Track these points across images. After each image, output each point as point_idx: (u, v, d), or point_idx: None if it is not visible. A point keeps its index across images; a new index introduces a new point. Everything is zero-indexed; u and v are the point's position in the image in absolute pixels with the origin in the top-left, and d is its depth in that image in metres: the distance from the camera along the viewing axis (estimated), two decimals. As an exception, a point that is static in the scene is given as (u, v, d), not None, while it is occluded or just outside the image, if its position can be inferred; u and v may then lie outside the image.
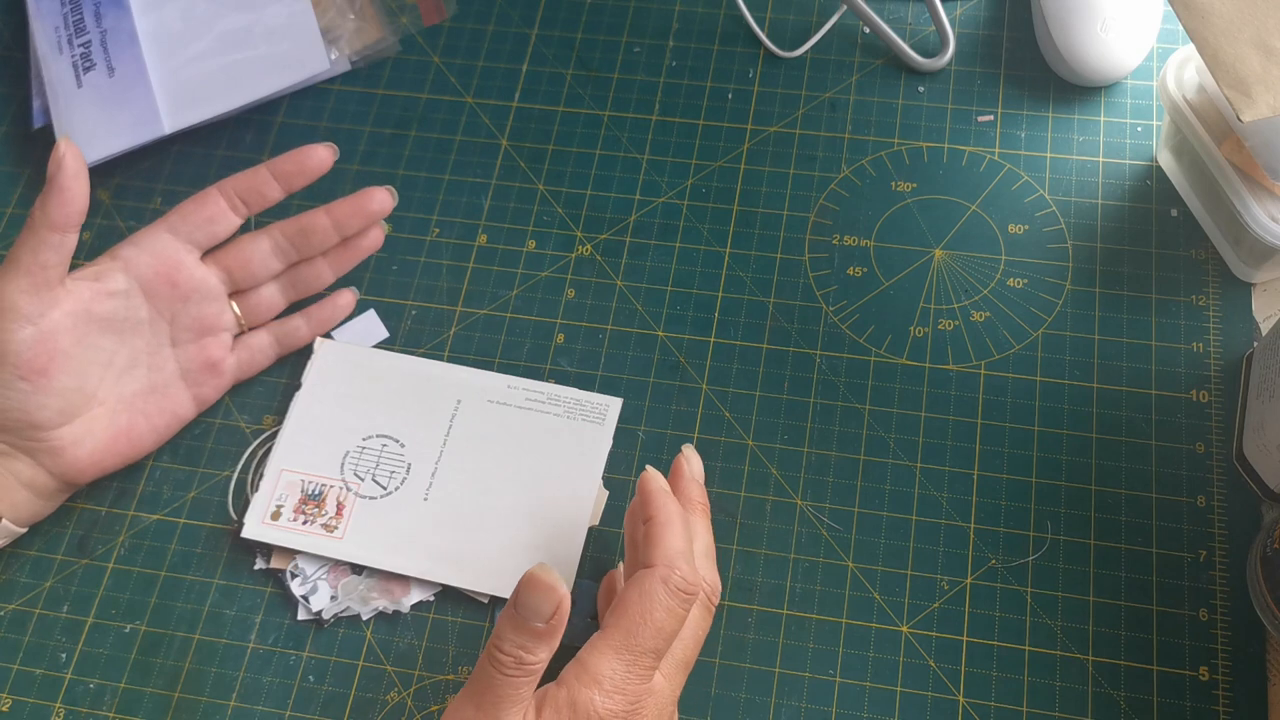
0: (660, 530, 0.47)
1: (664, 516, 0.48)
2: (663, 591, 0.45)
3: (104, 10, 0.68)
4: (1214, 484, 0.56)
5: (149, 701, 0.55)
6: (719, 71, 0.69)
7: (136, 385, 0.58)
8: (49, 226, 0.53)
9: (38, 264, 0.53)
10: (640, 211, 0.65)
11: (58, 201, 0.53)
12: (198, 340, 0.59)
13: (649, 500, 0.49)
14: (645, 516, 0.48)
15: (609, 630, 0.45)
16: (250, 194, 0.59)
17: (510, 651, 0.44)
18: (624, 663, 0.45)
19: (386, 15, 0.71)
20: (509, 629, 0.44)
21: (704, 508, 0.53)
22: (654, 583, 0.46)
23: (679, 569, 0.46)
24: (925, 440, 0.58)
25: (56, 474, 0.56)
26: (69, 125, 0.66)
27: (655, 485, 0.49)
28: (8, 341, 0.52)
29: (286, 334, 0.61)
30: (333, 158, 0.60)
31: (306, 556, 0.57)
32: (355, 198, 0.60)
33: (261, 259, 0.60)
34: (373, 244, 0.62)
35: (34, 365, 0.53)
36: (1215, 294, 0.60)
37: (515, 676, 0.44)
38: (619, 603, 0.46)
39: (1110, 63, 0.64)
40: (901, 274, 0.62)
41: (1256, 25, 0.52)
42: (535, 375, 0.61)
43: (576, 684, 0.45)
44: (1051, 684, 0.53)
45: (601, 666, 0.45)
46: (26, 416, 0.54)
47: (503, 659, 0.44)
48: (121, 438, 0.57)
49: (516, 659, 0.44)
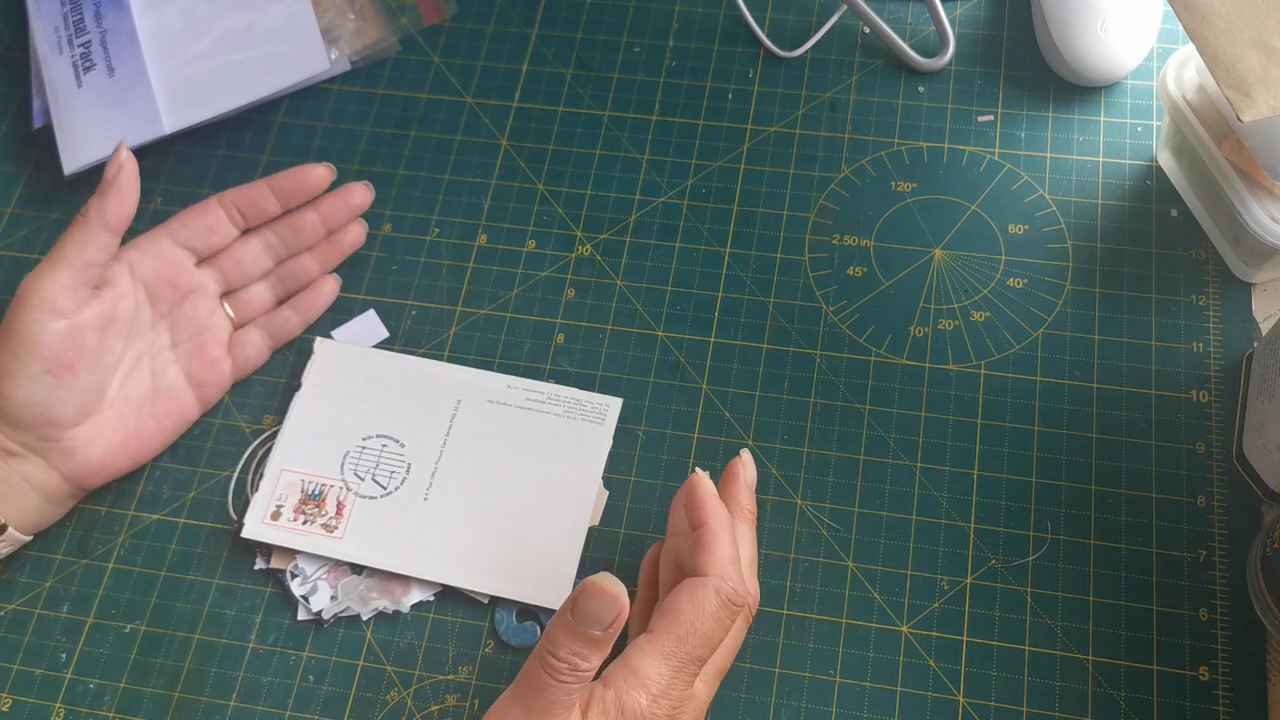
0: (712, 538, 0.48)
1: (715, 524, 0.48)
2: (715, 602, 0.46)
3: (104, 10, 0.68)
4: (1214, 484, 0.56)
5: (149, 701, 0.55)
6: (719, 71, 0.69)
7: (142, 388, 0.58)
8: (104, 226, 0.55)
9: (84, 260, 0.54)
10: (640, 211, 0.65)
11: (116, 202, 0.55)
12: (195, 339, 0.60)
13: (700, 505, 0.49)
14: (696, 521, 0.49)
15: (659, 635, 0.46)
16: (249, 207, 0.61)
17: (565, 658, 0.44)
18: (671, 668, 0.46)
19: (386, 15, 0.71)
20: (565, 635, 0.44)
21: (752, 515, 0.53)
22: (707, 592, 0.46)
23: (730, 580, 0.47)
24: (925, 440, 0.58)
25: (68, 476, 0.56)
26: (69, 125, 0.66)
27: (706, 490, 0.50)
28: (40, 334, 0.53)
29: (277, 326, 0.62)
30: (330, 177, 0.62)
31: (306, 556, 0.57)
32: (338, 193, 0.63)
33: (253, 258, 0.61)
34: (355, 239, 0.64)
35: (62, 359, 0.54)
36: (1215, 294, 0.60)
37: (568, 682, 0.44)
38: (670, 608, 0.46)
39: (1110, 63, 0.64)
40: (901, 274, 0.62)
41: (1256, 25, 0.52)
42: (535, 375, 0.61)
43: (625, 687, 0.45)
44: (1051, 684, 0.53)
45: (650, 670, 0.45)
46: (47, 412, 0.54)
47: (557, 665, 0.44)
48: (131, 440, 0.57)
49: (571, 665, 0.44)
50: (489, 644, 0.55)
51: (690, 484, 0.50)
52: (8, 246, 0.67)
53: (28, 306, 0.53)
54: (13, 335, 0.53)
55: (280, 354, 0.63)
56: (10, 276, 0.66)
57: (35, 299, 0.53)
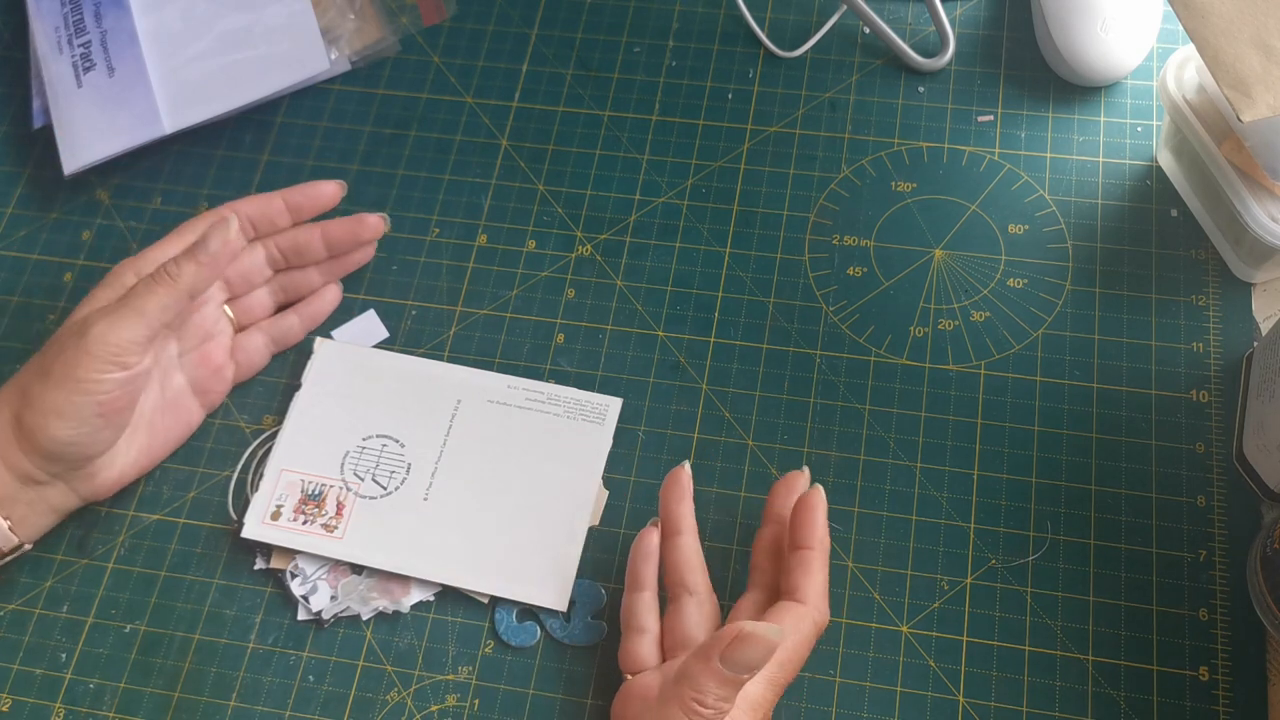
0: (817, 563, 0.50)
1: (823, 550, 0.51)
2: (811, 633, 0.49)
3: (104, 10, 0.68)
4: (1214, 484, 0.56)
5: (149, 701, 0.55)
6: (719, 71, 0.69)
7: (152, 401, 0.58)
8: (190, 293, 0.55)
9: (161, 321, 0.54)
10: (640, 211, 0.65)
11: (210, 273, 0.55)
12: (200, 347, 0.60)
13: (815, 526, 0.51)
14: (805, 543, 0.50)
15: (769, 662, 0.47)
16: (262, 220, 0.61)
17: (714, 705, 0.45)
18: (773, 691, 0.48)
19: (386, 15, 0.71)
20: (713, 683, 0.45)
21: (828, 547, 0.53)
22: (806, 622, 0.49)
23: (824, 612, 0.50)
24: (925, 440, 0.58)
25: (84, 495, 0.56)
26: (69, 125, 0.66)
27: (824, 514, 0.51)
28: (102, 383, 0.53)
29: (281, 332, 0.62)
30: (341, 194, 0.62)
31: (306, 556, 0.57)
32: (350, 222, 0.62)
33: (257, 268, 0.61)
34: (364, 258, 0.64)
35: (115, 405, 0.54)
36: (1215, 294, 0.60)
37: None
38: None
39: (1110, 63, 0.64)
40: (901, 274, 0.62)
41: (1256, 25, 0.52)
42: (535, 375, 0.61)
43: (738, 711, 0.46)
44: (1051, 684, 0.53)
45: (759, 695, 0.47)
46: (88, 450, 0.54)
47: (706, 713, 0.45)
48: (143, 455, 0.58)
49: (719, 711, 0.45)
50: (489, 644, 0.55)
51: (811, 504, 0.51)
52: (8, 246, 0.67)
53: (95, 356, 0.52)
54: (71, 378, 0.52)
55: (280, 354, 0.63)
56: (10, 276, 0.66)
57: (105, 350, 0.52)
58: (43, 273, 0.66)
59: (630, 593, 0.53)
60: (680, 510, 0.53)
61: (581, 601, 0.56)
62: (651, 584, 0.53)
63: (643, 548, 0.53)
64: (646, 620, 0.52)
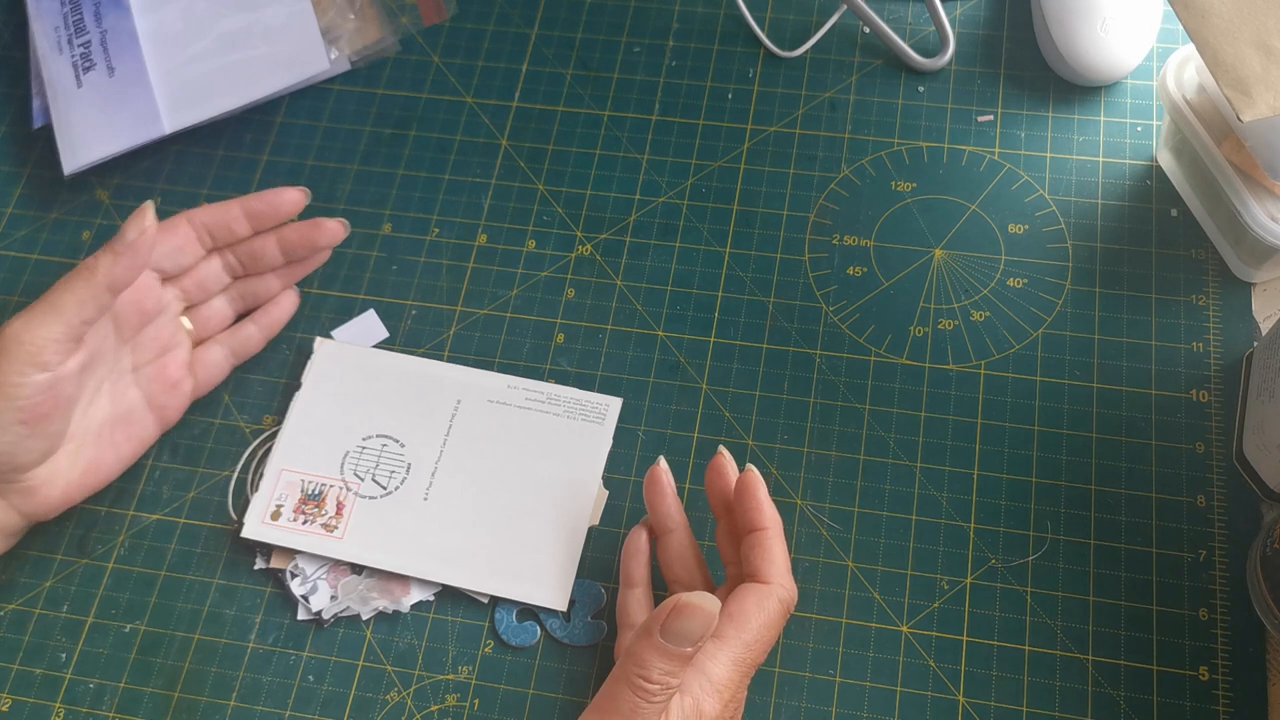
0: (773, 543, 0.50)
1: (774, 529, 0.50)
2: (778, 610, 0.49)
3: (104, 10, 0.68)
4: (1214, 484, 0.56)
5: (149, 701, 0.55)
6: (719, 71, 0.69)
7: (102, 415, 0.56)
8: (110, 286, 0.52)
9: (80, 318, 0.52)
10: (640, 211, 0.65)
11: (129, 265, 0.52)
12: (156, 360, 0.58)
13: (760, 508, 0.50)
14: (755, 524, 0.50)
15: (730, 640, 0.47)
16: (219, 228, 0.59)
17: (659, 679, 0.45)
18: (740, 673, 0.47)
19: (386, 15, 0.71)
20: (656, 657, 0.45)
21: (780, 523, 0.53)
22: (774, 602, 0.48)
23: (789, 588, 0.49)
24: (925, 440, 0.58)
25: (26, 513, 0.54)
26: (69, 125, 0.66)
27: (764, 492, 0.51)
28: (20, 386, 0.50)
29: (240, 343, 0.61)
30: (305, 201, 0.61)
31: (306, 556, 0.57)
32: (305, 228, 0.60)
33: (214, 276, 0.60)
34: (320, 261, 0.63)
35: (38, 410, 0.51)
36: (1215, 294, 0.60)
37: (660, 702, 0.45)
38: (738, 615, 0.48)
39: (1110, 63, 0.64)
40: (901, 274, 0.62)
41: (1256, 25, 0.52)
42: (535, 375, 0.61)
43: (701, 693, 0.46)
44: (1051, 684, 0.53)
45: (723, 676, 0.47)
46: (13, 460, 0.52)
47: (650, 688, 0.44)
48: (90, 472, 0.56)
49: (665, 685, 0.45)
50: (489, 644, 0.55)
51: (750, 485, 0.51)
52: (8, 246, 0.67)
53: (11, 356, 0.50)
54: None
55: (280, 354, 0.63)
56: (10, 276, 0.66)
57: (21, 350, 0.50)
58: (43, 273, 0.66)
59: (623, 590, 0.53)
60: (663, 508, 0.53)
61: (581, 601, 0.56)
62: (642, 581, 0.53)
63: (630, 546, 0.53)
64: (638, 616, 0.52)
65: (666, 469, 0.53)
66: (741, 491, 0.51)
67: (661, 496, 0.53)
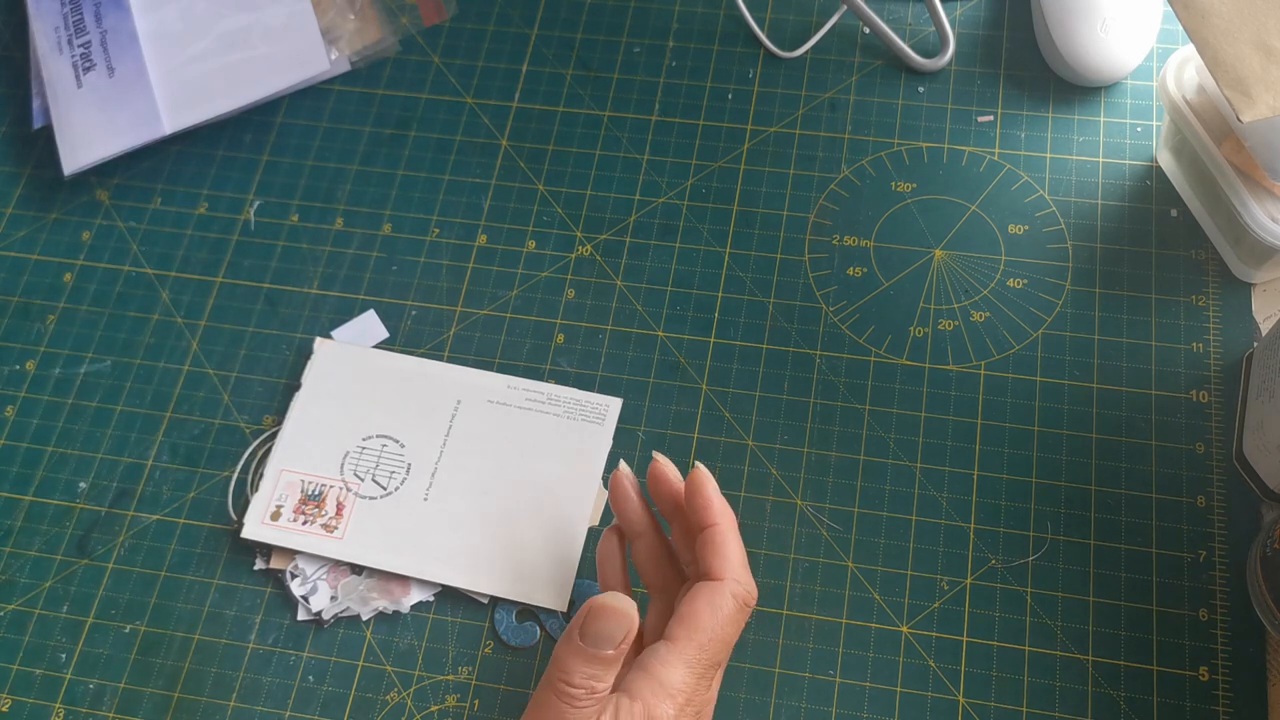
0: (723, 540, 0.48)
1: (725, 524, 0.48)
2: (732, 606, 0.46)
3: (104, 10, 0.68)
4: (1214, 484, 0.56)
5: (149, 701, 0.55)
6: (719, 71, 0.69)
7: None
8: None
9: None
10: (640, 211, 0.65)
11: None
12: None
13: (709, 505, 0.48)
14: (705, 521, 0.48)
15: (681, 642, 0.45)
16: None
17: (581, 683, 0.44)
18: (695, 675, 0.45)
19: (386, 15, 0.71)
20: (577, 661, 0.44)
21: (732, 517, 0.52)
22: (724, 597, 0.46)
23: (744, 582, 0.47)
24: (925, 440, 0.58)
25: None
26: (69, 125, 0.66)
27: (713, 488, 0.49)
28: None
29: None
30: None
31: (306, 556, 0.57)
32: None
33: None
34: None
35: None
36: (1215, 294, 0.60)
37: (586, 707, 0.44)
38: (690, 615, 0.46)
39: (1110, 63, 0.64)
40: (901, 274, 0.62)
41: (1256, 25, 0.52)
42: (535, 375, 0.61)
43: (652, 698, 0.44)
44: (1051, 684, 0.53)
45: (675, 680, 0.45)
46: None
47: (574, 692, 0.44)
48: None
49: (588, 689, 0.44)
50: (489, 644, 0.55)
51: (697, 482, 0.49)
52: (8, 247, 0.67)
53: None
54: None
55: (280, 354, 0.63)
56: (10, 276, 0.66)
57: None
58: (43, 273, 0.66)
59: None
60: (629, 513, 0.51)
61: (581, 601, 0.55)
62: (614, 584, 0.52)
63: (601, 551, 0.52)
64: None
65: (629, 473, 0.52)
66: (690, 490, 0.49)
67: (626, 501, 0.51)
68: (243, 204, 0.67)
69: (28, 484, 0.61)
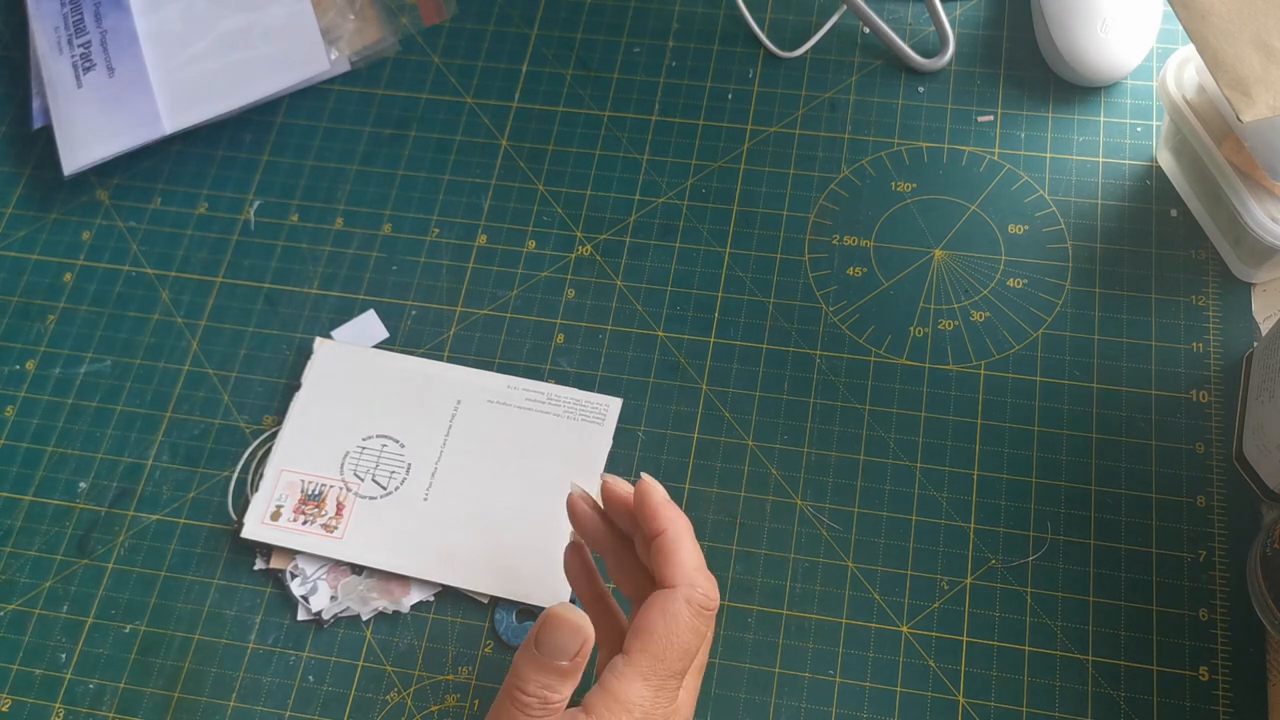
0: (674, 546, 0.46)
1: (675, 530, 0.47)
2: (688, 613, 0.45)
3: (104, 10, 0.68)
4: (1214, 484, 0.56)
5: (149, 701, 0.55)
6: (719, 71, 0.69)
7: None
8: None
9: None
10: (640, 211, 0.65)
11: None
12: None
13: (657, 514, 0.47)
14: (654, 530, 0.47)
15: (635, 655, 0.44)
16: None
17: (535, 692, 0.43)
18: (652, 688, 0.44)
19: (386, 15, 0.71)
20: (532, 669, 0.44)
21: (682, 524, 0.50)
22: (678, 605, 0.45)
23: (700, 586, 0.45)
24: (925, 440, 0.58)
25: None
26: (69, 125, 0.66)
27: (660, 496, 0.47)
28: None
29: None
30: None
31: (306, 556, 0.57)
32: None
33: None
34: None
35: None
36: (1215, 294, 0.60)
37: (539, 716, 0.43)
38: (643, 627, 0.45)
39: (1110, 63, 0.64)
40: (901, 274, 0.62)
41: (1256, 25, 0.52)
42: (535, 375, 0.61)
43: (607, 714, 0.44)
44: (1051, 684, 0.53)
45: (631, 694, 0.44)
46: None
47: (527, 700, 0.43)
48: None
49: (541, 699, 0.43)
50: (489, 644, 0.55)
51: (642, 493, 0.47)
52: (7, 246, 0.67)
53: None
54: None
55: (280, 354, 0.63)
56: (10, 276, 0.66)
57: None
58: (43, 273, 0.66)
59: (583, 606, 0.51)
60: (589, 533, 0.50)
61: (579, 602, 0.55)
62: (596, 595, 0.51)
63: (565, 570, 0.51)
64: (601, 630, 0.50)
65: (582, 493, 0.50)
66: (636, 501, 0.48)
67: (585, 520, 0.50)
68: (243, 204, 0.67)
69: (28, 484, 0.61)
